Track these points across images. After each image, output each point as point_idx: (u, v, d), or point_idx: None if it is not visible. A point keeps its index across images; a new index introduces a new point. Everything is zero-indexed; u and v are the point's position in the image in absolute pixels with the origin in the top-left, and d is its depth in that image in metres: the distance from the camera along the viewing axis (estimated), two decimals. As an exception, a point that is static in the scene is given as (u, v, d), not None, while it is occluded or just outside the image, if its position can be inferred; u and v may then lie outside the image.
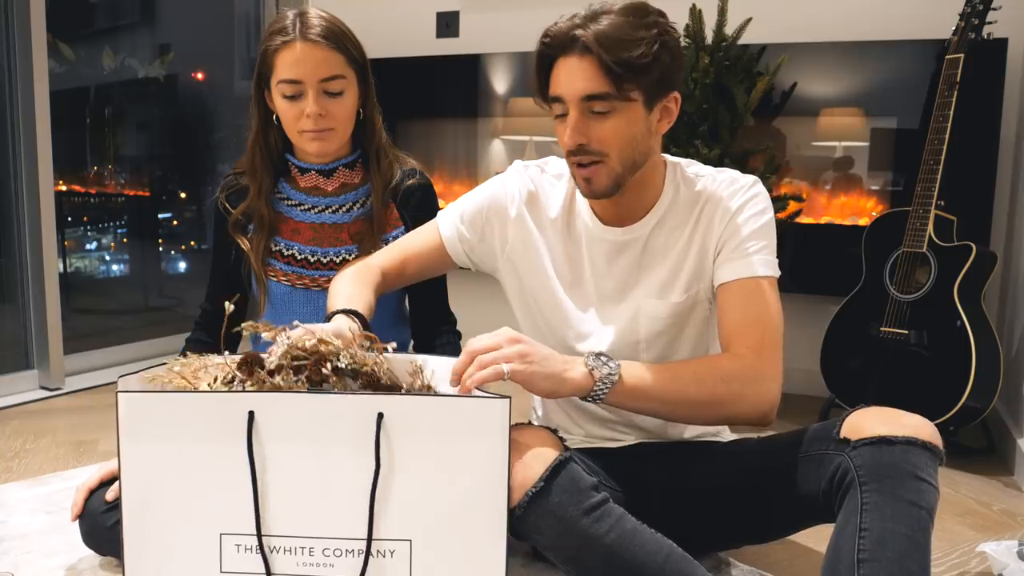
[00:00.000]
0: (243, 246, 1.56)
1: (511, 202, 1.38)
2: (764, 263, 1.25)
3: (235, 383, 1.06)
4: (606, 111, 1.18)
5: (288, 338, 1.07)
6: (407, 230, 1.56)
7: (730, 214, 1.27)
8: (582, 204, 1.35)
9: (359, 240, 1.55)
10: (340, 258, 1.55)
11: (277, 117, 1.52)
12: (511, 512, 1.07)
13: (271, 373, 1.05)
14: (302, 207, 1.57)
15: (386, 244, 1.55)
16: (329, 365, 1.05)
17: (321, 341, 1.07)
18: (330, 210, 1.56)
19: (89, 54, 3.18)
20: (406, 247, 1.43)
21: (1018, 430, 2.12)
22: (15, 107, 2.66)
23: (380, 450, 0.98)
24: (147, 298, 3.57)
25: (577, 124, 1.18)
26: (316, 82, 1.44)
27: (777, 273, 1.27)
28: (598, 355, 1.13)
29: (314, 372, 1.05)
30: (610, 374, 1.12)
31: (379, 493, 0.99)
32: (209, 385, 1.06)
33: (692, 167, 1.35)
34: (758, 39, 2.54)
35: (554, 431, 1.20)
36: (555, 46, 1.19)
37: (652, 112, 1.22)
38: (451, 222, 1.41)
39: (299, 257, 1.55)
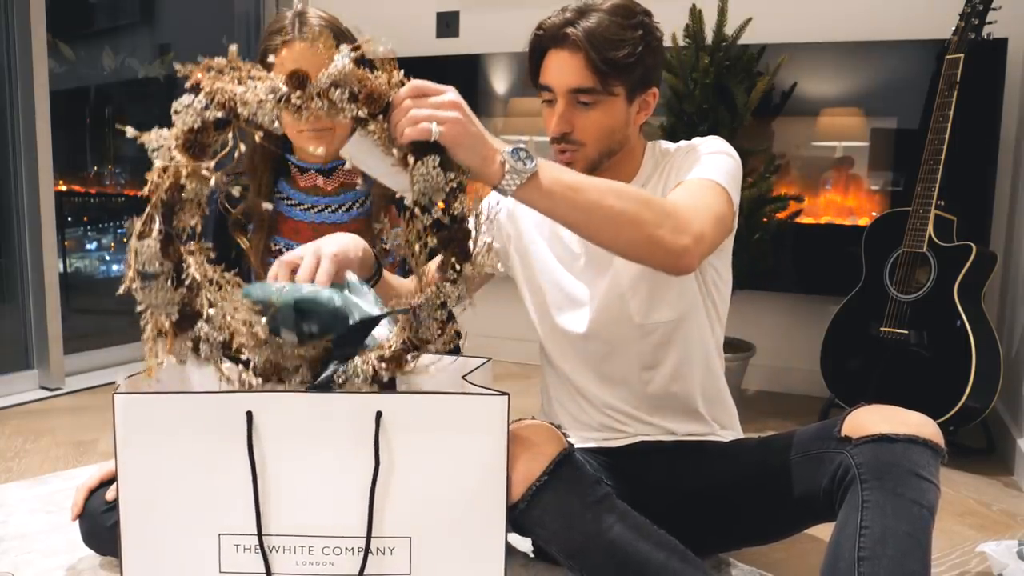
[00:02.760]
0: (243, 245, 1.56)
1: (498, 203, 1.44)
2: (717, 171, 1.26)
3: (280, 98, 1.00)
4: (590, 103, 1.26)
5: (348, 59, 1.01)
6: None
7: (689, 148, 1.34)
8: None
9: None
10: None
11: None
12: (514, 507, 1.07)
13: (320, 95, 1.00)
14: (301, 207, 1.57)
15: (385, 244, 1.56)
16: (384, 101, 1.00)
17: (387, 65, 1.01)
18: (329, 209, 1.56)
19: (89, 54, 3.18)
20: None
21: (1018, 430, 2.12)
22: (15, 107, 2.66)
23: (379, 448, 0.98)
24: (147, 298, 3.57)
25: (563, 113, 1.26)
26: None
27: (732, 191, 1.26)
28: (517, 151, 1.05)
29: (368, 104, 1.01)
30: (521, 171, 1.04)
31: (379, 490, 0.99)
32: (254, 93, 1.00)
33: (668, 144, 1.41)
34: (758, 39, 2.54)
35: (558, 427, 1.21)
36: (547, 38, 1.26)
37: (632, 105, 1.30)
38: None
39: None
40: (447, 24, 3.28)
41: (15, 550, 1.55)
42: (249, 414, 0.98)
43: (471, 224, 1.04)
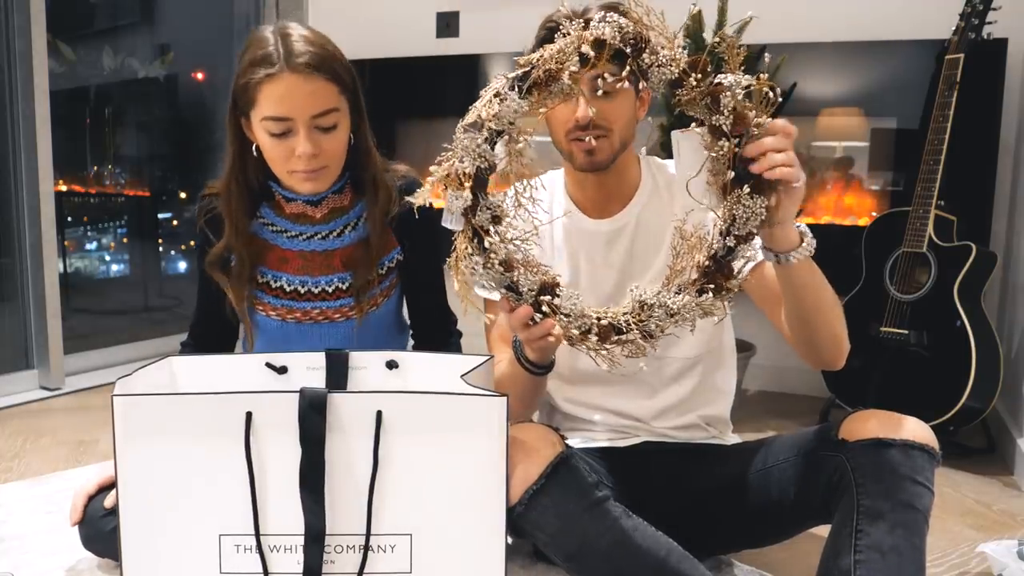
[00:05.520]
0: (220, 281, 1.41)
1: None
2: None
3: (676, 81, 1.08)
4: (611, 91, 1.25)
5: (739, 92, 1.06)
6: (403, 250, 1.45)
7: None
8: (568, 206, 1.40)
9: (353, 267, 1.41)
10: (332, 287, 1.42)
11: (257, 147, 1.34)
12: (512, 509, 1.08)
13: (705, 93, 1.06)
14: (288, 234, 1.42)
15: (381, 270, 1.43)
16: (746, 128, 1.05)
17: (760, 100, 1.07)
18: (319, 237, 1.42)
19: (89, 54, 3.18)
20: (504, 336, 1.37)
21: (1018, 430, 2.12)
22: (15, 107, 2.66)
23: (379, 447, 0.98)
24: (147, 298, 3.58)
25: (590, 100, 1.26)
26: (308, 119, 1.26)
27: None
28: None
29: (735, 123, 1.06)
30: (810, 245, 1.12)
31: (379, 488, 0.99)
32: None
33: (660, 160, 1.43)
34: (758, 39, 2.53)
35: (556, 429, 1.21)
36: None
37: (637, 98, 1.33)
38: None
39: (288, 289, 1.42)
40: (447, 24, 3.28)
41: (15, 550, 1.55)
42: (248, 414, 0.98)
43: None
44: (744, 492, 1.30)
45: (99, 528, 1.35)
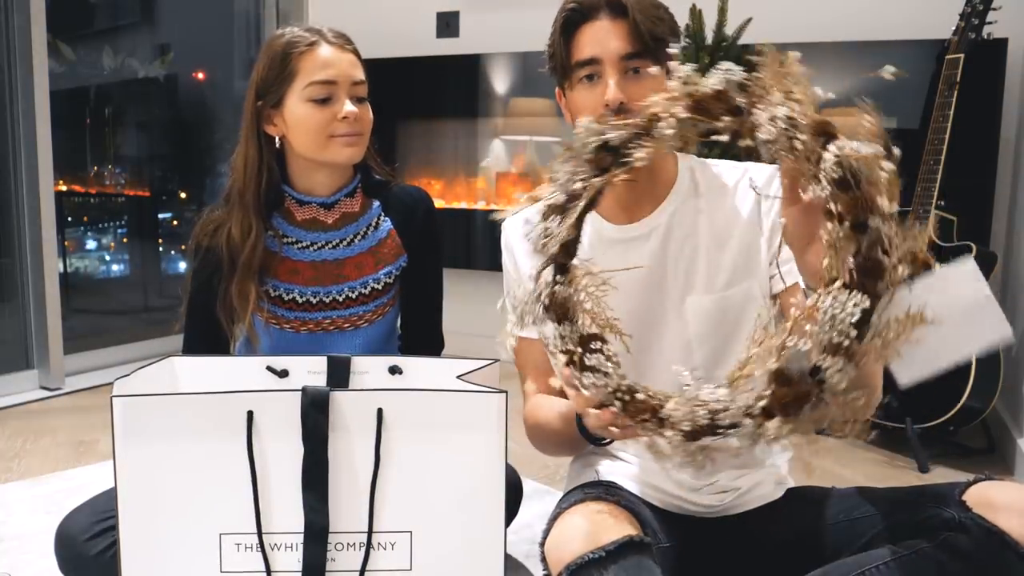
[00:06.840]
0: (236, 305, 1.38)
1: (511, 263, 1.30)
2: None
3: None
4: (640, 70, 1.13)
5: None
6: (410, 257, 1.45)
7: (774, 207, 1.14)
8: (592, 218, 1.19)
9: (363, 275, 1.42)
10: (343, 296, 1.41)
11: (280, 140, 1.38)
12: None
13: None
14: (299, 244, 1.41)
15: (389, 278, 1.44)
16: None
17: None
18: (330, 245, 1.42)
19: (89, 54, 3.19)
20: (535, 363, 1.27)
21: (1018, 430, 2.12)
22: (15, 107, 2.66)
23: (380, 444, 0.98)
24: (147, 298, 3.58)
25: (619, 82, 1.13)
26: (349, 84, 1.34)
27: None
28: None
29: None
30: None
31: (380, 486, 0.99)
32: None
33: (695, 156, 1.27)
34: (758, 39, 2.53)
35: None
36: (585, 10, 1.14)
37: (668, 80, 1.15)
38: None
39: (300, 300, 1.41)
40: (447, 24, 3.28)
41: (14, 550, 1.55)
42: (250, 413, 0.98)
43: None
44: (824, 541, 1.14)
45: (81, 552, 1.20)
